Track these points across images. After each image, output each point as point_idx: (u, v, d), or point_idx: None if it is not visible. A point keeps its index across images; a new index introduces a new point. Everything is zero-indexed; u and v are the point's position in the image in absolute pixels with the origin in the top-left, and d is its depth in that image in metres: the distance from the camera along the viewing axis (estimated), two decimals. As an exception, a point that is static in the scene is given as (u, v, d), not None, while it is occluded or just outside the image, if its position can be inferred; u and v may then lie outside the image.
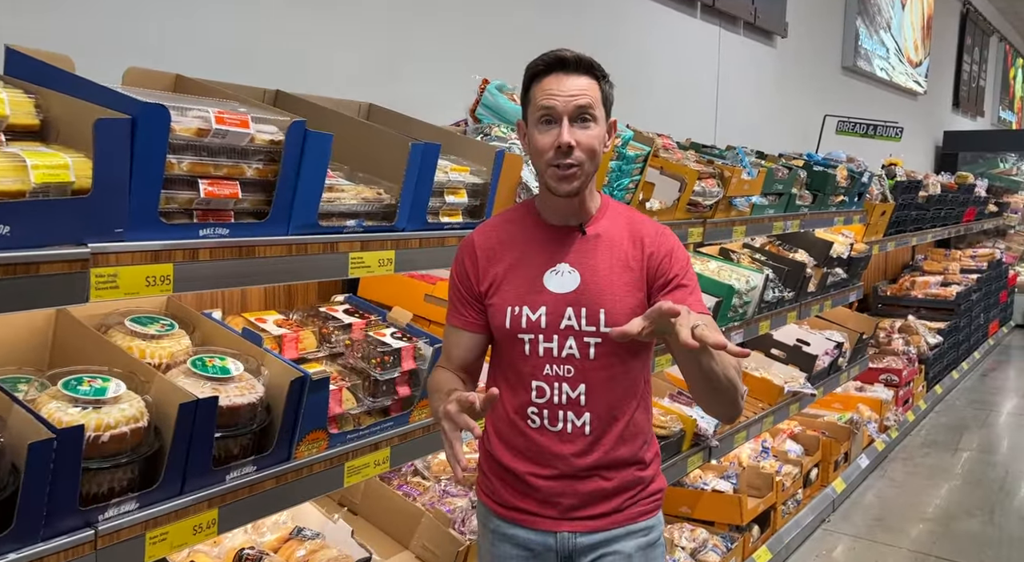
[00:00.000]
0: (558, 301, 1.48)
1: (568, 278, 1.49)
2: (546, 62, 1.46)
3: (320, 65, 2.54)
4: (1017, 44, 12.92)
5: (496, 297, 1.53)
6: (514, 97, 2.52)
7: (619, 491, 1.54)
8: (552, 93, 1.43)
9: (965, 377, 6.70)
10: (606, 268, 1.50)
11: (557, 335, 1.48)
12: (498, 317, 1.52)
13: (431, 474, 2.14)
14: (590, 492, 1.52)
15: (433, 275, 2.44)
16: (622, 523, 1.55)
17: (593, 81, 1.47)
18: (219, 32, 2.25)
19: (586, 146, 1.43)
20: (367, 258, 1.65)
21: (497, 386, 1.49)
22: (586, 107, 1.43)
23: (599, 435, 1.50)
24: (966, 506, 4.07)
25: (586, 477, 1.52)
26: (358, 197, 1.64)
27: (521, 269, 1.53)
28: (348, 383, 1.68)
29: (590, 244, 1.52)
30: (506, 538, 1.57)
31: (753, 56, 5.21)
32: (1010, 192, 9.62)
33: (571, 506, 1.53)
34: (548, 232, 1.54)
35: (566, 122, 1.42)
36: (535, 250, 1.53)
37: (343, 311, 1.90)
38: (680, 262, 1.53)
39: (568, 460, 1.50)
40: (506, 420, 1.56)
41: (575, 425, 1.50)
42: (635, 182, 2.57)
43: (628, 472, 1.54)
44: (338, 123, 1.81)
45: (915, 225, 5.71)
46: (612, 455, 1.52)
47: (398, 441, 1.76)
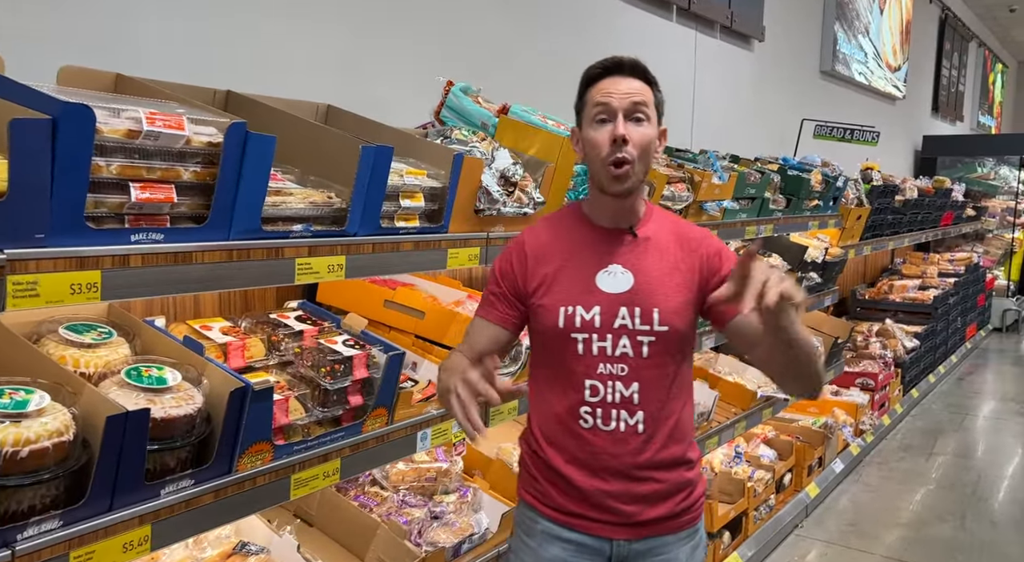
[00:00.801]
0: (612, 301, 1.52)
1: (621, 278, 1.53)
2: (603, 66, 1.54)
3: (281, 66, 2.49)
4: (996, 50, 13.03)
5: (547, 297, 1.55)
6: (479, 100, 2.48)
7: (671, 493, 1.57)
8: (608, 92, 1.50)
9: (942, 381, 6.73)
10: (657, 269, 1.54)
11: (611, 334, 1.51)
12: (550, 317, 1.54)
13: (389, 484, 2.09)
14: (645, 495, 1.54)
15: (395, 280, 2.40)
16: (675, 530, 1.58)
17: (646, 85, 1.53)
18: (174, 31, 2.19)
19: (639, 143, 1.48)
20: (315, 264, 1.60)
21: (543, 389, 1.58)
22: (640, 104, 1.49)
23: (652, 433, 1.53)
24: (939, 511, 4.07)
25: (641, 479, 1.54)
26: (306, 201, 1.60)
27: (572, 270, 1.55)
28: (296, 392, 1.64)
29: (641, 246, 1.56)
30: (557, 540, 1.57)
31: (730, 60, 5.20)
32: (988, 196, 9.70)
33: (628, 512, 1.54)
34: (598, 234, 1.58)
35: (621, 117, 1.48)
36: (586, 251, 1.57)
37: (295, 318, 1.85)
38: (730, 258, 1.57)
39: (622, 459, 1.52)
40: (556, 421, 1.56)
41: (628, 424, 1.52)
42: (602, 186, 2.53)
43: (677, 473, 1.57)
44: (289, 125, 1.77)
45: (892, 229, 5.72)
46: (663, 454, 1.54)
47: (349, 452, 1.72)
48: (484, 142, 2.18)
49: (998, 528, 3.88)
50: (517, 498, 1.69)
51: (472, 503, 2.13)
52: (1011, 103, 14.69)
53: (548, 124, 2.37)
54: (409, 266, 1.88)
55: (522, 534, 1.64)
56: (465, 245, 2.03)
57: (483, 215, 2.07)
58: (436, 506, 2.07)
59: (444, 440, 2.00)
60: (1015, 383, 6.95)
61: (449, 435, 2.01)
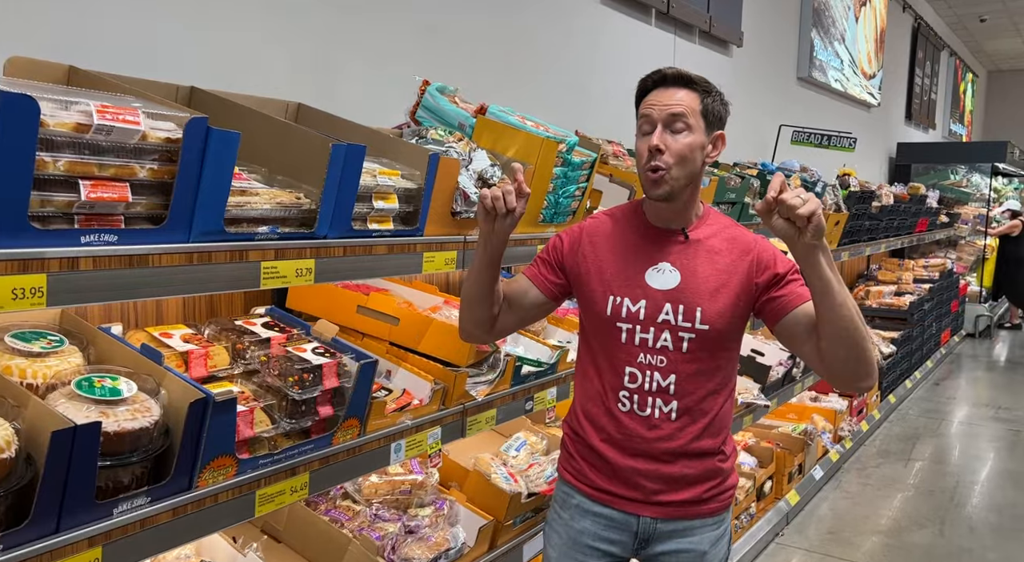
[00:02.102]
0: (658, 296, 1.61)
1: (669, 276, 1.62)
2: (652, 79, 1.63)
3: (251, 64, 2.41)
4: (967, 59, 13.25)
5: (598, 285, 1.66)
6: (455, 99, 2.41)
7: (701, 479, 1.65)
8: (652, 104, 1.59)
9: (918, 386, 6.76)
10: (705, 271, 1.62)
11: (654, 327, 1.61)
12: (599, 304, 1.65)
13: (362, 498, 2.01)
14: (674, 477, 1.63)
15: (368, 285, 2.32)
16: (701, 515, 1.66)
17: (693, 94, 1.59)
18: (138, 27, 2.10)
19: (676, 151, 1.56)
20: (282, 267, 1.53)
21: (588, 368, 1.70)
22: (679, 115, 1.56)
23: (685, 424, 1.62)
24: (917, 517, 4.06)
25: (670, 461, 1.63)
26: (273, 201, 1.52)
27: (624, 263, 1.66)
28: (262, 403, 1.55)
29: (691, 248, 1.64)
30: (589, 514, 1.69)
31: (709, 65, 5.19)
32: (960, 203, 9.82)
33: (654, 490, 1.63)
34: (652, 232, 1.68)
35: (659, 128, 1.56)
36: (639, 247, 1.66)
37: (262, 324, 1.77)
38: (784, 262, 1.64)
39: (653, 444, 1.62)
40: (597, 400, 1.67)
41: (662, 412, 1.62)
42: (582, 189, 2.48)
43: (711, 462, 1.65)
44: (257, 123, 1.69)
45: (869, 235, 5.74)
46: (696, 444, 1.63)
47: (319, 465, 1.64)
48: (461, 143, 2.11)
49: (976, 534, 3.88)
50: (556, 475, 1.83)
51: (448, 516, 2.05)
52: (981, 112, 14.94)
53: (527, 125, 2.31)
54: (383, 270, 1.81)
55: (557, 507, 1.77)
56: (441, 248, 1.96)
57: (461, 218, 2.00)
58: (411, 520, 1.99)
59: (419, 451, 1.92)
60: (989, 389, 7.01)
61: (424, 446, 1.93)
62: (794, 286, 1.60)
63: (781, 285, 1.60)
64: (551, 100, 3.75)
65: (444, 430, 2.00)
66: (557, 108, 3.74)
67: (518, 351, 2.47)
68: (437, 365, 2.03)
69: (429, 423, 1.95)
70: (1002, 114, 14.97)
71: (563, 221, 2.47)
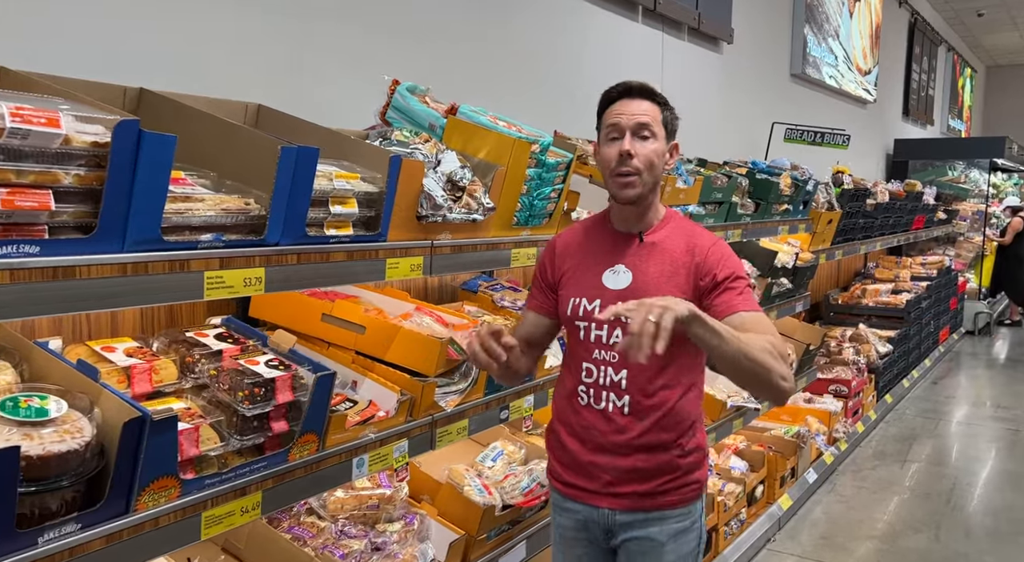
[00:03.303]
0: (611, 296, 1.71)
1: (622, 277, 1.72)
2: (616, 91, 1.74)
3: (216, 64, 2.34)
4: (965, 54, 13.16)
5: (564, 289, 1.80)
6: (426, 99, 2.34)
7: (656, 474, 1.71)
8: (619, 113, 1.70)
9: (915, 385, 6.68)
10: (656, 271, 1.71)
11: (607, 325, 1.71)
12: (563, 305, 1.79)
13: (327, 513, 1.94)
14: (627, 470, 1.70)
15: (336, 292, 2.25)
16: (658, 507, 1.72)
17: (655, 105, 1.72)
18: (92, 26, 2.03)
19: (644, 157, 1.67)
20: (228, 277, 1.45)
21: (563, 368, 1.84)
22: (646, 124, 1.68)
23: (638, 417, 1.69)
24: (913, 522, 3.98)
25: (625, 455, 1.70)
26: (218, 207, 1.45)
27: (587, 266, 1.78)
28: (210, 420, 1.48)
29: (646, 250, 1.74)
30: (565, 511, 1.81)
31: (698, 62, 5.12)
32: (959, 199, 9.73)
33: (609, 481, 1.72)
34: (613, 237, 1.79)
35: (628, 135, 1.67)
36: (600, 251, 1.78)
37: (215, 336, 1.69)
38: (728, 269, 1.69)
39: (608, 436, 1.71)
40: (564, 398, 1.80)
41: (616, 405, 1.71)
42: (557, 191, 2.40)
43: (667, 456, 1.71)
44: (206, 125, 1.62)
45: (863, 233, 5.66)
46: (649, 437, 1.70)
47: (272, 483, 1.56)
48: (428, 144, 2.04)
49: (972, 539, 3.80)
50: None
51: (418, 532, 1.98)
52: (979, 107, 14.86)
53: (499, 125, 2.24)
54: (343, 277, 1.73)
55: (551, 506, 1.90)
56: (406, 254, 1.89)
57: (427, 222, 1.93)
58: (378, 536, 1.92)
59: (384, 465, 1.85)
60: (988, 387, 6.93)
61: (390, 460, 1.86)
62: (728, 296, 1.66)
63: (718, 292, 1.66)
64: (534, 100, 3.67)
65: (412, 443, 1.92)
66: (540, 109, 3.67)
67: (494, 358, 2.39)
68: (404, 375, 1.95)
69: (395, 436, 1.88)
70: (1001, 109, 14.88)
71: (538, 223, 2.40)
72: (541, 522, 2.33)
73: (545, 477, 2.34)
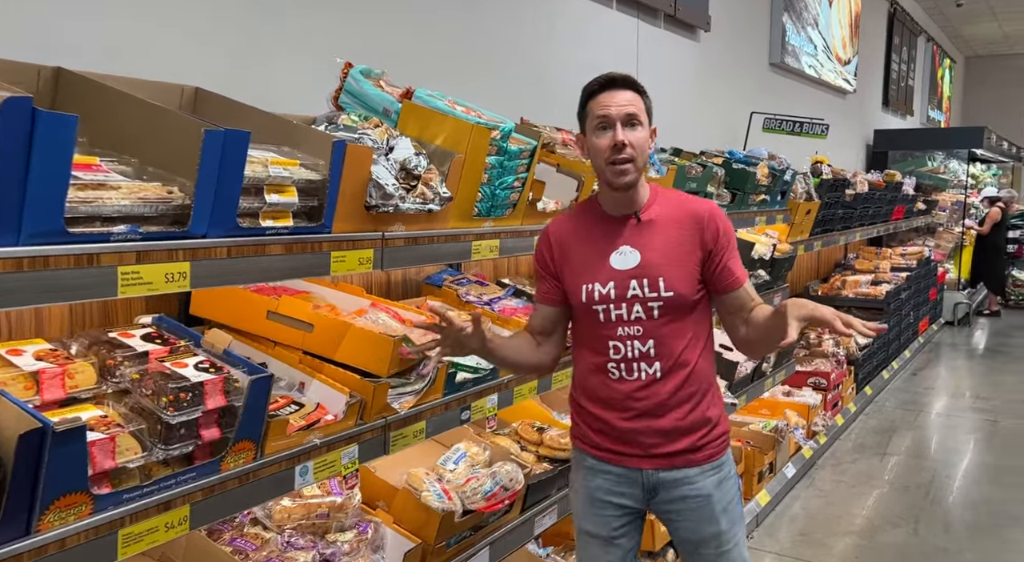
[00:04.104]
0: (623, 276, 1.81)
1: (630, 257, 1.82)
2: (599, 82, 1.81)
3: (162, 47, 2.20)
4: (944, 45, 13.16)
5: (570, 277, 1.87)
6: (381, 83, 2.22)
7: (691, 429, 1.84)
8: (607, 105, 1.77)
9: (895, 376, 6.65)
10: (661, 245, 1.82)
11: (625, 303, 1.81)
12: (576, 294, 1.85)
13: (273, 523, 1.82)
14: (667, 430, 1.83)
15: (287, 287, 2.13)
16: (696, 463, 1.85)
17: (637, 95, 1.80)
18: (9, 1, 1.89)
19: (636, 144, 1.76)
20: (147, 272, 1.33)
21: (581, 348, 1.92)
22: (634, 114, 1.77)
23: (669, 379, 1.82)
24: (892, 516, 3.92)
25: (661, 416, 1.82)
26: (133, 196, 1.32)
27: (589, 253, 1.85)
28: (130, 428, 1.36)
29: (645, 228, 1.84)
30: (600, 472, 1.89)
31: (675, 50, 5.01)
32: (938, 190, 9.72)
33: (652, 444, 1.84)
34: (609, 221, 1.87)
35: (619, 126, 1.75)
36: (600, 237, 1.86)
37: (141, 336, 1.57)
38: (726, 234, 1.85)
39: (645, 402, 1.82)
40: (592, 373, 1.88)
41: (648, 373, 1.82)
42: (521, 180, 2.29)
43: (697, 411, 1.85)
44: (128, 107, 1.49)
45: (843, 224, 5.60)
46: (681, 395, 1.83)
47: (202, 496, 1.44)
48: (378, 129, 1.92)
49: (951, 533, 3.75)
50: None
51: (372, 541, 1.87)
52: (959, 97, 14.89)
53: (457, 110, 2.12)
54: (281, 272, 1.61)
55: (575, 471, 1.99)
56: (354, 246, 1.77)
57: (377, 213, 1.81)
58: (327, 547, 1.81)
59: (332, 472, 1.74)
60: (967, 377, 6.92)
61: (338, 467, 1.75)
62: (732, 266, 1.84)
63: (721, 262, 1.83)
64: (499, 87, 3.55)
65: (362, 448, 1.81)
66: (506, 96, 3.55)
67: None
68: (355, 376, 1.84)
69: (343, 441, 1.76)
70: (981, 99, 14.92)
71: (502, 214, 2.28)
72: (505, 527, 2.23)
73: (508, 480, 2.24)
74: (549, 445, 2.55)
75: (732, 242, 1.86)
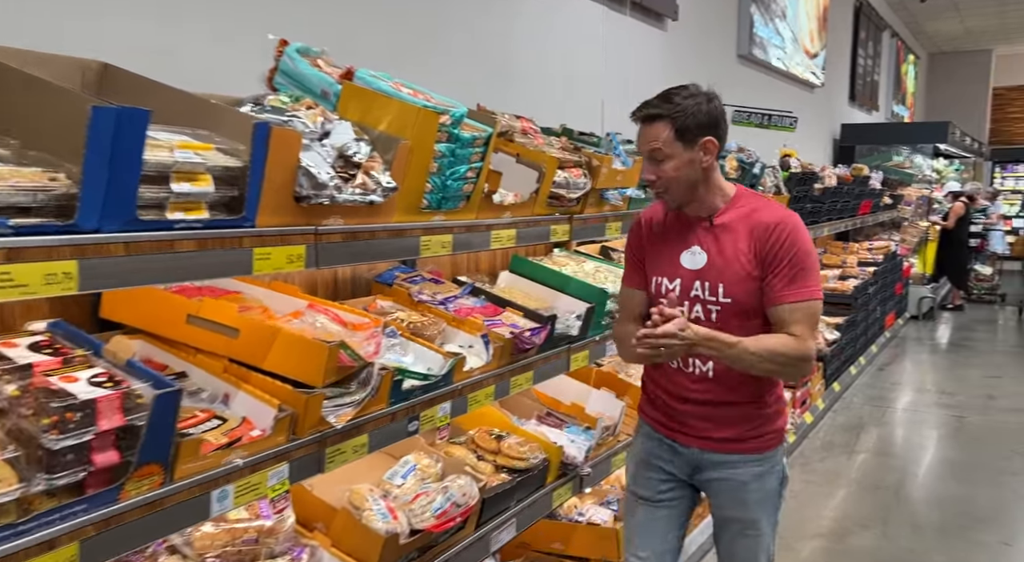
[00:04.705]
0: (689, 275, 1.92)
1: (699, 258, 1.91)
2: (634, 117, 1.90)
3: (73, 20, 1.97)
4: (908, 41, 13.24)
5: (649, 267, 2.00)
6: (319, 62, 2.02)
7: (739, 421, 1.94)
8: (638, 141, 1.90)
9: (862, 372, 6.62)
10: (727, 252, 1.88)
11: (688, 301, 1.92)
12: (649, 284, 1.99)
13: (193, 552, 1.63)
14: (715, 417, 1.94)
15: (214, 286, 1.93)
16: (740, 451, 1.95)
17: (664, 123, 1.84)
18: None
19: (663, 178, 1.87)
20: (20, 273, 1.13)
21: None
22: (656, 150, 1.85)
23: (721, 377, 1.92)
24: (860, 518, 3.84)
25: (712, 407, 1.94)
26: (5, 183, 1.12)
27: (665, 247, 1.97)
28: (6, 455, 1.16)
29: (716, 232, 1.91)
30: (654, 439, 2.07)
31: (642, 39, 4.87)
32: (903, 184, 9.76)
33: (700, 428, 1.96)
34: (686, 220, 1.96)
35: (646, 163, 1.89)
36: (676, 234, 1.96)
37: (28, 346, 1.36)
38: (787, 249, 1.85)
39: (696, 394, 1.95)
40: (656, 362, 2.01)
41: (701, 369, 1.94)
42: (475, 170, 2.12)
43: (747, 408, 1.94)
44: (9, 81, 1.29)
45: (811, 218, 5.52)
46: (732, 394, 1.92)
47: (95, 531, 1.25)
48: (312, 111, 1.73)
49: (920, 535, 3.67)
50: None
51: (306, 567, 1.69)
52: (922, 94, 15.03)
53: (403, 93, 1.94)
54: (195, 272, 1.43)
55: (635, 437, 2.17)
56: (282, 242, 1.59)
57: (309, 204, 1.63)
58: (255, 576, 1.62)
59: (256, 495, 1.55)
60: (932, 372, 6.92)
61: (263, 489, 1.56)
62: (775, 283, 1.85)
63: (769, 278, 1.85)
64: (457, 73, 3.37)
65: (294, 466, 1.63)
66: (465, 82, 3.37)
67: (405, 361, 2.10)
68: (287, 386, 1.65)
69: (272, 459, 1.58)
70: (944, 96, 15.07)
71: (454, 207, 2.11)
72: (457, 546, 2.06)
73: (461, 496, 2.07)
74: (507, 454, 2.39)
75: (791, 258, 1.83)
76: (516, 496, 2.36)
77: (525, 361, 2.43)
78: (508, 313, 2.54)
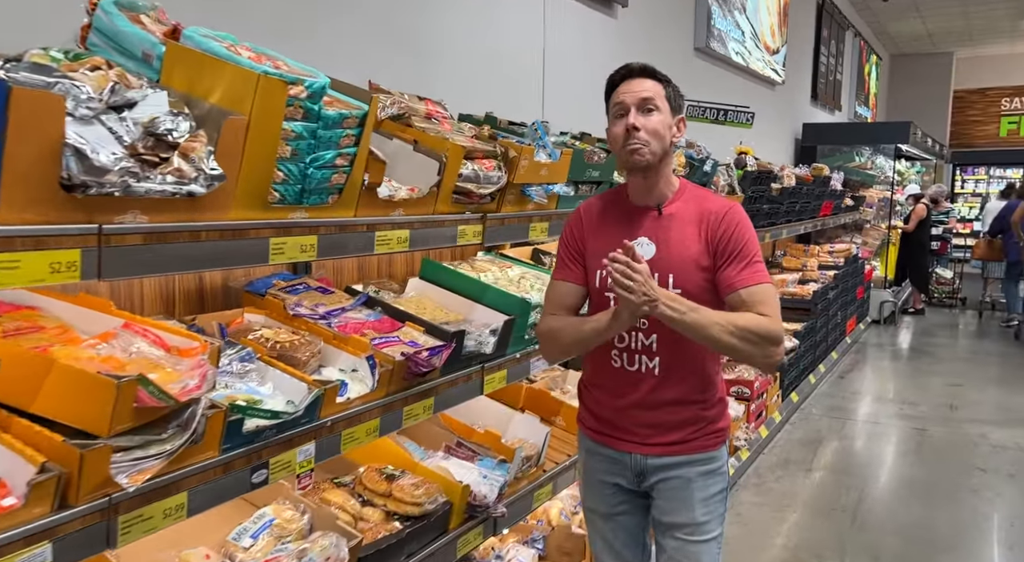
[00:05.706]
0: None
1: (647, 248, 1.84)
2: (619, 74, 1.86)
3: None
4: (871, 41, 13.12)
5: (590, 261, 1.91)
6: (143, 19, 1.61)
7: (683, 424, 1.88)
8: (623, 93, 1.82)
9: (822, 380, 6.35)
10: (676, 242, 1.83)
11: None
12: (591, 277, 1.91)
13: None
14: (658, 423, 1.88)
15: (1, 300, 1.51)
16: (685, 452, 1.89)
17: (658, 83, 1.83)
18: None
19: (650, 128, 1.79)
20: None
21: None
22: (649, 99, 1.80)
23: (667, 376, 1.86)
24: (816, 546, 3.52)
25: (655, 408, 1.88)
26: None
27: (609, 239, 1.87)
28: None
29: (665, 221, 1.86)
30: (596, 454, 1.99)
31: (588, 24, 4.51)
32: (865, 186, 9.57)
33: (643, 433, 1.90)
34: (633, 210, 1.90)
35: (633, 111, 1.80)
36: (622, 224, 1.89)
37: None
38: (739, 236, 1.80)
39: (640, 394, 1.88)
40: (597, 360, 1.94)
41: (647, 366, 1.87)
42: (348, 157, 1.72)
43: (692, 410, 1.88)
44: None
45: (768, 219, 5.22)
46: (677, 394, 1.87)
47: None
48: (99, 73, 1.32)
49: (882, 565, 3.37)
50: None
51: None
52: (884, 95, 14.96)
53: (243, 56, 1.53)
54: None
55: (579, 452, 2.07)
56: (39, 246, 1.18)
57: (87, 195, 1.22)
58: None
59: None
60: (893, 379, 6.68)
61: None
62: (729, 272, 1.78)
63: (722, 266, 1.79)
64: (360, 51, 2.96)
65: (60, 547, 1.22)
66: (369, 61, 2.97)
67: (262, 391, 1.71)
68: (56, 437, 1.24)
69: (28, 539, 1.17)
70: (906, 97, 15.01)
71: (321, 202, 1.72)
72: (317, 623, 1.67)
73: (325, 560, 1.68)
74: (398, 498, 2.01)
75: (743, 245, 1.79)
76: (407, 549, 1.98)
77: (424, 386, 2.05)
78: (407, 328, 2.15)
